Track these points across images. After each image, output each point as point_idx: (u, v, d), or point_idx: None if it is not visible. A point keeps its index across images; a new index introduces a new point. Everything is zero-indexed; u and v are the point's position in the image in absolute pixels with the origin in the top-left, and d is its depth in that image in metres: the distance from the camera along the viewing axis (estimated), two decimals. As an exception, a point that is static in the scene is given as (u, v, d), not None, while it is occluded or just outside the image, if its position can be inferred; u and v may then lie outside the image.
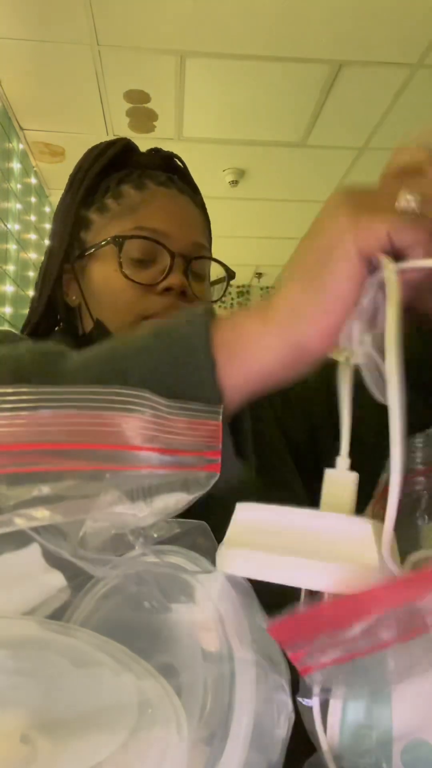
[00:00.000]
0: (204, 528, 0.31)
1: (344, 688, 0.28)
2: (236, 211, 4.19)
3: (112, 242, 0.70)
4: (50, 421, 0.28)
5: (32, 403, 0.29)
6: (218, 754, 0.24)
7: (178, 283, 0.69)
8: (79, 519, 0.28)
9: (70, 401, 0.29)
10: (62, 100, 3.01)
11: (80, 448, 0.28)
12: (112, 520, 0.28)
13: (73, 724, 0.23)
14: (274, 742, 0.26)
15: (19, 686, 0.23)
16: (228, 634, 0.26)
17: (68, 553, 0.27)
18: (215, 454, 0.31)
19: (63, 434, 0.28)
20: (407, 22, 2.41)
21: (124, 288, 0.69)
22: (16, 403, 0.29)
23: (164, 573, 0.29)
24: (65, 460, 0.28)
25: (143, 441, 0.29)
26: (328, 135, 3.28)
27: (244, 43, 2.54)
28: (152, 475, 0.29)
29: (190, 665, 0.26)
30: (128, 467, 0.28)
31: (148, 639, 0.27)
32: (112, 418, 0.29)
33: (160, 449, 0.29)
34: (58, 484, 0.27)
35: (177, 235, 0.71)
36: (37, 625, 0.27)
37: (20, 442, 0.27)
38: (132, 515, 0.28)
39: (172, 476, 0.29)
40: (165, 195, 0.74)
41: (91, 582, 0.30)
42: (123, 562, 0.28)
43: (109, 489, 0.28)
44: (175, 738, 0.23)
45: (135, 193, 0.73)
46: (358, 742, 0.27)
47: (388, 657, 0.26)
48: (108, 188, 0.74)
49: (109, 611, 0.29)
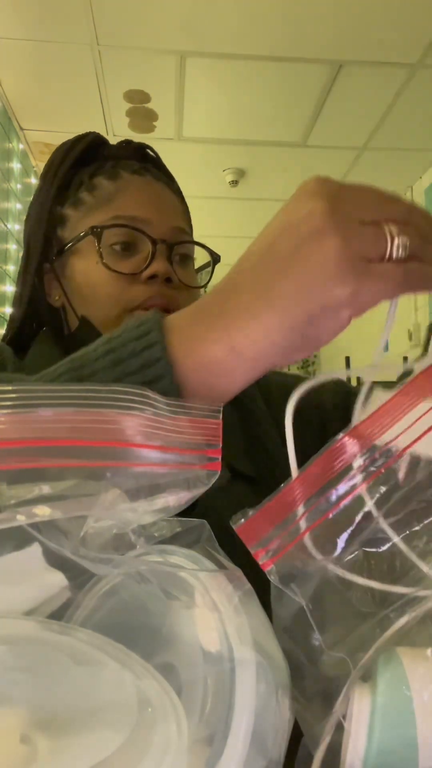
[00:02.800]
0: (205, 527, 0.31)
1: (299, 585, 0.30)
2: (236, 211, 4.19)
3: (90, 234, 0.68)
4: (50, 418, 0.28)
5: (32, 401, 0.29)
6: (218, 753, 0.24)
7: (162, 270, 0.67)
8: (80, 517, 0.28)
9: (70, 399, 0.29)
10: (62, 100, 3.01)
11: (80, 445, 0.28)
12: (113, 518, 0.28)
13: (73, 723, 0.23)
14: (275, 742, 0.26)
15: (18, 684, 0.23)
16: (228, 634, 0.26)
17: (69, 552, 0.27)
18: (216, 453, 0.31)
19: (63, 431, 0.28)
20: (407, 22, 2.41)
21: (107, 280, 0.67)
22: (16, 400, 0.29)
23: (165, 572, 0.29)
24: (66, 457, 0.28)
25: (144, 438, 0.29)
26: (328, 135, 3.28)
27: (244, 43, 2.54)
28: (153, 473, 0.29)
29: (191, 665, 0.26)
30: (129, 464, 0.28)
31: (148, 638, 0.27)
32: (112, 415, 0.29)
33: (161, 447, 0.29)
34: (58, 484, 0.27)
35: (157, 221, 0.69)
36: (37, 624, 0.27)
37: (20, 438, 0.27)
38: (133, 513, 0.28)
39: (172, 474, 0.29)
40: (140, 182, 0.72)
41: (93, 581, 0.30)
42: (124, 561, 0.28)
43: (110, 487, 0.28)
44: (175, 737, 0.23)
45: (109, 184, 0.71)
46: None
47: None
48: (81, 182, 0.72)
49: (110, 610, 0.29)
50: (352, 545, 0.30)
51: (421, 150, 3.45)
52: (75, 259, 0.70)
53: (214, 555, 0.30)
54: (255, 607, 0.29)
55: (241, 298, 0.36)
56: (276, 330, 0.35)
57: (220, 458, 0.31)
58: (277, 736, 0.26)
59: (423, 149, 3.44)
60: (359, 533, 0.30)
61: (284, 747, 0.26)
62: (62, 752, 0.22)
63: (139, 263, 0.67)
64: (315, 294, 0.34)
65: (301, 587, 0.30)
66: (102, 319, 0.68)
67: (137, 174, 0.72)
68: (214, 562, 0.30)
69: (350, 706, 0.27)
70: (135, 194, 0.70)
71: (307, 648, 0.29)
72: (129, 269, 0.67)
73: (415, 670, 0.27)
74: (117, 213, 0.68)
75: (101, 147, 0.76)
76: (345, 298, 0.34)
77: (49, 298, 0.74)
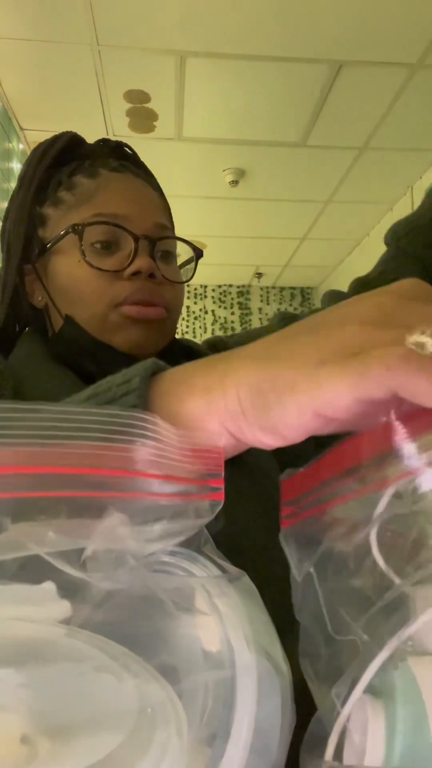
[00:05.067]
0: (205, 531, 0.31)
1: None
2: (236, 211, 4.19)
3: (71, 232, 0.67)
4: (50, 445, 0.27)
5: (31, 430, 0.27)
6: (219, 755, 0.24)
7: (146, 266, 0.66)
8: (81, 545, 0.27)
9: (70, 423, 0.28)
10: (62, 100, 3.01)
11: (81, 473, 0.27)
12: (114, 545, 0.27)
13: (73, 724, 0.23)
14: (276, 745, 0.26)
15: (19, 684, 0.23)
16: (230, 636, 0.26)
17: (71, 570, 0.26)
18: (218, 482, 0.30)
19: (63, 458, 0.27)
20: (407, 22, 2.41)
21: (90, 278, 0.67)
22: (14, 426, 0.27)
23: (166, 574, 0.29)
24: (63, 487, 0.26)
25: (147, 467, 0.27)
26: (328, 135, 3.28)
27: (244, 43, 2.54)
28: (155, 503, 0.28)
29: (191, 666, 0.26)
30: (132, 495, 0.27)
31: (148, 640, 0.27)
32: (114, 443, 0.27)
33: (164, 476, 0.28)
34: (59, 521, 0.26)
35: (138, 217, 0.68)
36: (38, 625, 0.27)
37: (19, 464, 0.26)
38: (135, 541, 0.27)
39: (175, 505, 0.28)
40: (120, 179, 0.71)
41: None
42: (128, 570, 0.28)
43: (111, 515, 0.27)
44: (175, 739, 0.23)
45: (89, 182, 0.70)
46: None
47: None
48: (60, 181, 0.72)
49: (111, 612, 0.29)
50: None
51: (421, 150, 3.46)
52: (57, 258, 0.70)
53: (215, 558, 0.30)
54: (257, 609, 0.29)
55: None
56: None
57: (222, 488, 0.30)
58: (279, 739, 0.26)
59: (423, 149, 3.44)
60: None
61: (285, 750, 0.26)
62: (62, 753, 0.22)
63: (122, 260, 0.67)
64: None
65: (313, 561, 0.30)
66: (87, 317, 0.67)
67: (116, 171, 0.72)
68: (215, 565, 0.30)
69: (360, 718, 0.27)
70: (115, 191, 0.70)
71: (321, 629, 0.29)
72: (112, 266, 0.67)
73: (429, 680, 0.27)
74: (98, 210, 0.68)
75: (79, 146, 0.76)
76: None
77: (31, 299, 0.74)
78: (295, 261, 5.20)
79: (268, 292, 5.89)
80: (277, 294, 5.89)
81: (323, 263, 5.29)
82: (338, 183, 3.82)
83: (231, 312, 5.81)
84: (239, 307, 5.83)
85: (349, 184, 3.82)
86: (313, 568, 0.30)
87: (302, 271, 5.46)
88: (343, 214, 4.28)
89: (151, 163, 0.80)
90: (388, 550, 0.30)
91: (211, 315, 5.76)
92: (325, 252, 5.01)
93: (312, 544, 0.30)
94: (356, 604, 0.29)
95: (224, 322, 5.79)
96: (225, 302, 5.82)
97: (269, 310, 5.86)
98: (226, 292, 5.82)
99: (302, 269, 5.42)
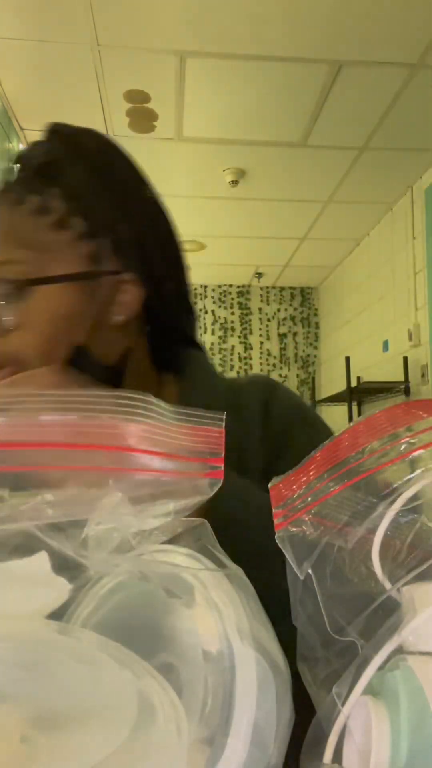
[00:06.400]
0: (205, 526, 0.31)
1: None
2: (236, 211, 4.19)
3: None
4: (52, 422, 0.28)
5: (34, 405, 0.29)
6: (218, 753, 0.24)
7: None
8: (81, 520, 0.28)
9: (71, 404, 0.29)
10: (62, 100, 3.01)
11: (82, 449, 0.28)
12: (115, 522, 0.28)
13: (73, 722, 0.23)
14: (275, 742, 0.26)
15: (19, 683, 0.23)
16: (228, 633, 0.26)
17: (71, 551, 0.27)
18: (218, 461, 0.31)
19: (64, 435, 0.28)
20: (407, 22, 2.41)
21: None
22: (16, 405, 0.29)
23: (165, 571, 0.29)
24: (67, 461, 0.28)
25: (147, 445, 0.28)
26: (328, 135, 3.28)
27: (244, 43, 2.54)
28: (155, 479, 0.29)
29: (191, 664, 0.26)
30: (131, 470, 0.28)
31: (148, 638, 0.27)
32: (114, 420, 0.29)
33: (164, 453, 0.29)
34: (60, 492, 0.27)
35: None
36: (38, 624, 0.27)
37: (21, 441, 0.27)
38: (135, 517, 0.28)
39: (175, 482, 0.29)
40: None
41: (93, 580, 0.30)
42: (126, 560, 0.28)
43: (112, 490, 0.28)
44: (175, 737, 0.23)
45: None
46: None
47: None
48: None
49: (110, 610, 0.29)
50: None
51: (421, 150, 3.46)
52: None
53: (215, 554, 0.30)
54: (255, 606, 0.29)
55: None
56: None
57: (222, 467, 0.31)
58: (278, 736, 0.26)
59: (423, 149, 3.44)
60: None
61: (285, 747, 0.26)
62: (62, 751, 0.22)
63: None
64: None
65: (311, 563, 0.30)
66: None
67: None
68: (214, 562, 0.30)
69: (361, 719, 0.27)
70: None
71: (319, 630, 0.29)
72: None
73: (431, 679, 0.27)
74: None
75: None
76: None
77: None
78: (295, 261, 5.19)
79: (268, 292, 5.89)
80: (277, 294, 5.89)
81: (323, 263, 5.29)
82: (338, 183, 3.81)
83: (231, 312, 5.81)
84: (239, 307, 5.83)
85: (348, 184, 3.82)
86: (311, 569, 0.30)
87: (302, 271, 5.46)
88: (343, 214, 4.28)
89: (150, 163, 0.78)
90: (384, 550, 0.30)
91: (211, 315, 5.76)
92: (325, 252, 5.01)
93: (310, 545, 0.31)
94: (355, 605, 0.29)
95: (224, 322, 5.79)
96: (225, 302, 5.81)
97: (269, 310, 5.86)
98: (226, 292, 5.82)
99: (302, 269, 5.42)
